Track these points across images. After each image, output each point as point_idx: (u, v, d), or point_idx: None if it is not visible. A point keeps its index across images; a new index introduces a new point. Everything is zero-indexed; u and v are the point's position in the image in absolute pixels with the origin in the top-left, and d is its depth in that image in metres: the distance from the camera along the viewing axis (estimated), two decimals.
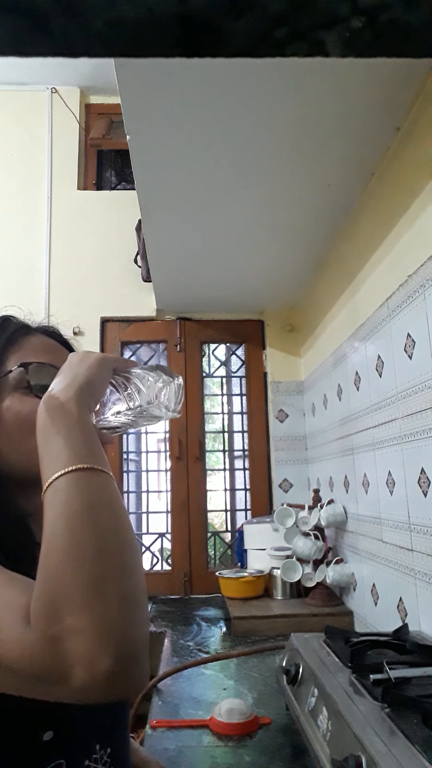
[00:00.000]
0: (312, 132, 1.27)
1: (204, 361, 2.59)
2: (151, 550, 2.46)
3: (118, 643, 0.41)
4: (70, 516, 0.45)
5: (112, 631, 0.41)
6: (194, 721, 1.11)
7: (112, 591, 0.43)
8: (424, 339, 1.18)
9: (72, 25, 0.19)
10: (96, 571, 0.43)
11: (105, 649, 0.40)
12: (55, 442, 0.49)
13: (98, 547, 0.44)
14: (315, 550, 1.80)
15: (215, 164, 1.38)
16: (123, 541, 0.46)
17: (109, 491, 0.48)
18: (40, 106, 2.80)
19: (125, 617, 0.43)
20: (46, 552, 0.44)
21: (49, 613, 0.41)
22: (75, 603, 0.41)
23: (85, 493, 0.46)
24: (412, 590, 1.24)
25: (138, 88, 1.11)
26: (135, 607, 0.44)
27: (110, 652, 0.41)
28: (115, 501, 0.48)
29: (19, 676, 0.42)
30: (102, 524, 0.46)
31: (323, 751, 0.76)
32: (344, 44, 0.20)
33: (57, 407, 0.51)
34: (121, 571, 0.45)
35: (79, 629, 0.41)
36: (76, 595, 0.42)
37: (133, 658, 0.42)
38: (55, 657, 0.40)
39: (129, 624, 0.43)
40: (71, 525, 0.44)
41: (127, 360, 0.60)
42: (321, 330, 2.12)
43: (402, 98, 1.20)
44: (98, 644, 0.40)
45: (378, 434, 1.46)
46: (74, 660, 0.40)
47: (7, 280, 2.56)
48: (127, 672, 0.42)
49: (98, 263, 2.61)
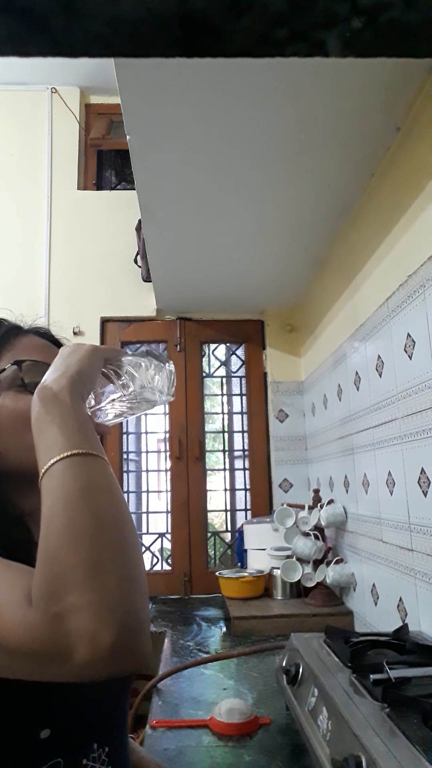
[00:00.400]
0: (312, 132, 1.27)
1: (204, 361, 2.59)
2: (151, 550, 2.46)
3: (119, 618, 0.42)
4: (67, 499, 0.46)
5: (113, 607, 0.42)
6: (194, 721, 1.11)
7: (112, 569, 0.44)
8: (424, 339, 1.18)
9: (72, 25, 0.19)
10: (95, 550, 0.44)
11: (107, 624, 0.41)
12: (49, 430, 0.50)
13: (96, 527, 0.45)
14: (315, 550, 1.80)
15: (215, 164, 1.38)
16: (121, 522, 0.47)
17: (105, 475, 0.49)
18: (40, 106, 2.80)
19: (125, 593, 0.44)
20: (45, 536, 0.45)
21: (51, 592, 0.42)
22: (76, 581, 0.42)
23: (81, 477, 0.47)
24: (412, 590, 1.24)
25: (138, 88, 1.11)
26: (135, 583, 0.45)
27: (112, 627, 0.41)
28: (112, 484, 0.49)
29: (23, 659, 0.43)
30: (99, 506, 0.46)
31: (323, 751, 0.76)
32: (344, 44, 0.20)
33: (50, 397, 0.52)
34: (120, 550, 0.45)
35: (80, 606, 0.41)
36: (77, 574, 0.42)
37: (135, 632, 0.43)
38: (59, 635, 0.41)
39: (129, 600, 0.44)
40: (69, 507, 0.45)
41: (118, 349, 0.61)
42: (321, 330, 2.12)
43: (402, 98, 1.20)
44: (100, 620, 0.41)
45: (378, 434, 1.46)
46: (77, 637, 0.41)
47: (7, 279, 2.56)
48: (129, 646, 0.42)
49: (98, 263, 2.61)
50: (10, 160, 2.73)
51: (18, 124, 2.78)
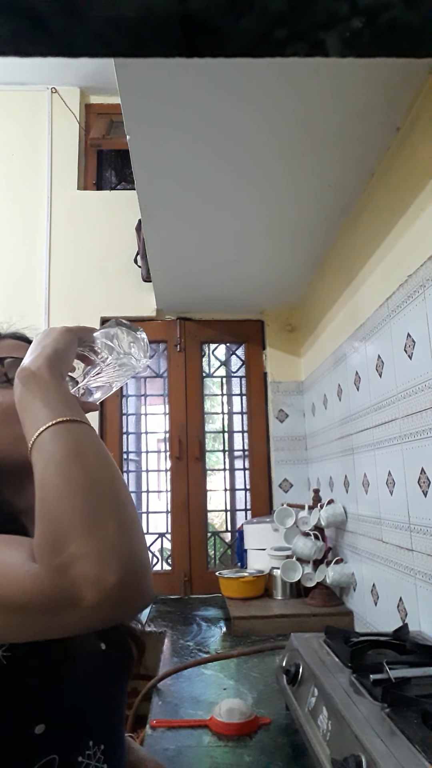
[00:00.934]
0: (312, 132, 1.27)
1: (204, 361, 2.59)
2: (151, 550, 2.46)
3: (121, 560, 0.44)
4: (58, 461, 0.48)
5: (114, 551, 0.44)
6: (194, 721, 1.11)
7: (109, 517, 0.46)
8: (424, 339, 1.18)
9: (72, 25, 0.19)
10: (91, 501, 0.46)
11: (110, 567, 0.43)
12: (33, 405, 0.52)
13: (89, 482, 0.47)
14: (315, 550, 1.80)
15: (215, 164, 1.38)
16: (112, 476, 0.49)
17: (91, 437, 0.51)
18: (40, 106, 2.80)
19: (124, 537, 0.45)
20: (41, 497, 0.47)
21: (53, 545, 0.44)
22: (76, 531, 0.44)
23: (69, 441, 0.49)
24: (412, 590, 1.24)
25: (138, 88, 1.11)
26: (132, 530, 0.47)
27: (115, 569, 0.43)
28: (98, 444, 0.51)
29: (34, 614, 0.44)
30: (90, 463, 0.49)
31: (323, 751, 0.76)
32: (344, 44, 0.20)
33: (29, 376, 0.54)
34: (115, 500, 0.47)
35: (83, 554, 0.43)
36: (76, 525, 0.44)
37: (137, 573, 0.45)
38: (65, 583, 0.42)
39: (129, 543, 0.46)
40: (61, 468, 0.47)
41: (89, 327, 0.63)
42: (321, 330, 2.12)
43: (402, 98, 1.20)
44: (103, 564, 0.43)
45: (378, 434, 1.46)
46: (83, 582, 0.42)
47: (8, 279, 2.56)
48: (133, 586, 0.44)
49: (98, 263, 2.61)
50: (10, 160, 2.73)
51: (18, 124, 2.78)
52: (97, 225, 2.66)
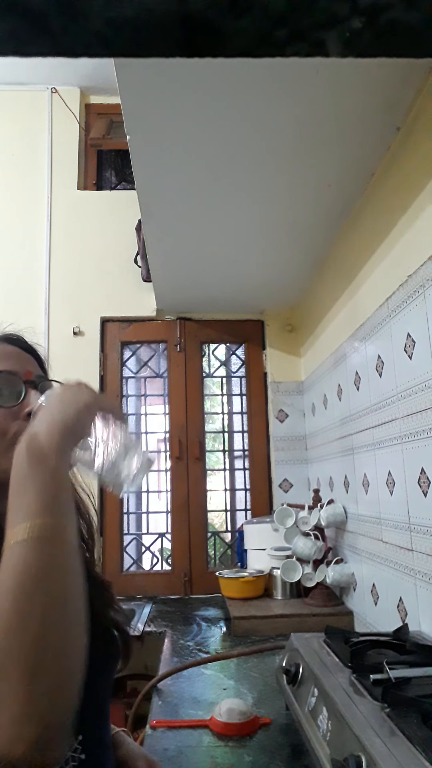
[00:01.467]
0: (312, 132, 1.27)
1: (204, 361, 2.59)
2: (151, 550, 2.46)
3: (41, 722, 0.41)
4: (20, 583, 0.44)
5: (36, 715, 0.41)
6: (194, 721, 1.11)
7: (47, 677, 0.42)
8: (424, 339, 1.18)
9: (72, 25, 0.19)
10: (34, 651, 0.42)
11: (28, 725, 0.40)
12: (26, 492, 0.48)
13: (42, 624, 0.43)
14: (315, 550, 1.80)
15: (215, 164, 1.38)
16: (70, 613, 0.46)
17: (66, 554, 0.47)
18: (40, 106, 2.80)
19: (53, 702, 0.42)
20: None
21: None
22: (8, 674, 0.41)
23: (41, 562, 0.45)
24: (412, 590, 1.24)
25: (138, 88, 1.11)
26: (66, 689, 0.44)
27: (32, 731, 0.40)
28: (69, 566, 0.47)
29: None
30: (51, 594, 0.45)
31: (323, 751, 0.76)
32: (344, 44, 0.20)
33: (38, 454, 0.50)
34: (61, 650, 0.44)
35: (4, 698, 0.40)
36: (11, 669, 0.41)
37: (51, 741, 0.42)
38: None
39: (54, 709, 0.42)
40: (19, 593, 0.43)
41: (119, 409, 0.59)
42: (321, 330, 2.12)
43: (402, 98, 1.20)
44: (21, 720, 0.40)
45: (378, 434, 1.46)
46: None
47: (8, 279, 2.56)
48: (47, 747, 0.41)
49: (98, 263, 2.61)
50: (10, 160, 2.73)
51: (18, 124, 2.78)
52: (97, 225, 2.66)
